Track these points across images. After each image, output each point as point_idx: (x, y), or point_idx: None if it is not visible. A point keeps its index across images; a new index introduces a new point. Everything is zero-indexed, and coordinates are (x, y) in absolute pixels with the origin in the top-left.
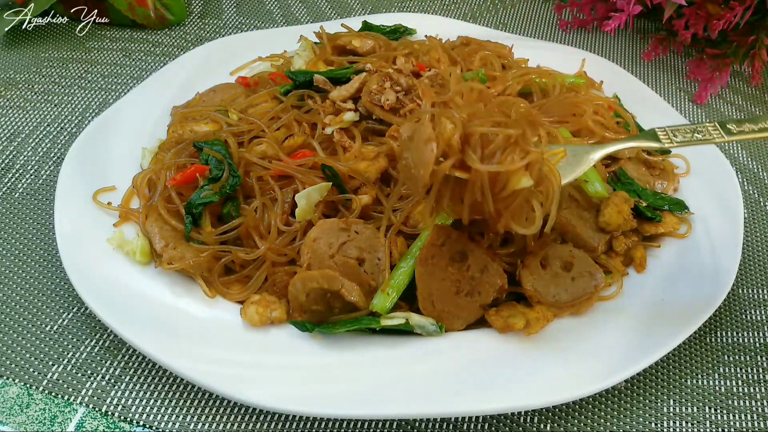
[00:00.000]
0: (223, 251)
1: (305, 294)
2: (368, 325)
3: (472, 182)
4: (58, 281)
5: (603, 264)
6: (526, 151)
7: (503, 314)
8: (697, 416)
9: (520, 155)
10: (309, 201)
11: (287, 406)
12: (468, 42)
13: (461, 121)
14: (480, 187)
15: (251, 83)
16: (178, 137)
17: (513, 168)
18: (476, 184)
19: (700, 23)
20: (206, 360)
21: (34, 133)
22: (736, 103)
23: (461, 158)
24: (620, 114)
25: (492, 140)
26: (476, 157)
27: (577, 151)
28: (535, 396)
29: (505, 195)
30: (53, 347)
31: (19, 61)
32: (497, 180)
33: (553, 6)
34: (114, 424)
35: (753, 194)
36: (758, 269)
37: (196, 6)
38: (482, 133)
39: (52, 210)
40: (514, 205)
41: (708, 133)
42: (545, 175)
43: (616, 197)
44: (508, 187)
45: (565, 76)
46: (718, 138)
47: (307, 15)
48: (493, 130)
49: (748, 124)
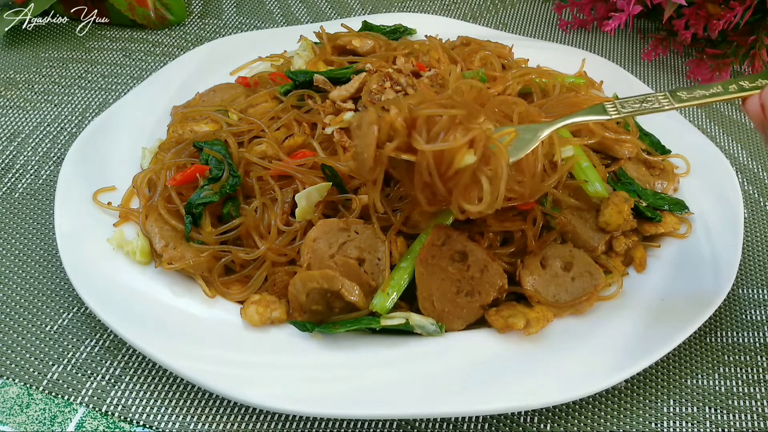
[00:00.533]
0: (223, 251)
1: (305, 294)
2: (368, 325)
3: (419, 163)
4: (58, 281)
5: (603, 264)
6: (468, 129)
7: (503, 314)
8: (697, 416)
9: (463, 133)
10: (309, 201)
11: (287, 406)
12: (468, 42)
13: (407, 106)
14: (426, 168)
15: (251, 83)
16: (178, 137)
17: (455, 145)
18: (422, 164)
19: (700, 23)
20: (206, 360)
21: (34, 133)
22: (736, 103)
23: (407, 141)
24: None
25: (437, 122)
26: (421, 138)
27: (526, 131)
28: (535, 396)
29: (451, 174)
30: (53, 347)
31: (19, 61)
32: (442, 159)
33: (553, 6)
34: (114, 424)
35: (753, 194)
36: (758, 269)
37: (196, 6)
38: (428, 116)
39: (52, 210)
40: (461, 184)
41: (657, 101)
42: (492, 153)
43: (616, 197)
44: (453, 165)
45: (565, 76)
46: (668, 106)
47: (307, 15)
48: (437, 112)
49: (699, 90)
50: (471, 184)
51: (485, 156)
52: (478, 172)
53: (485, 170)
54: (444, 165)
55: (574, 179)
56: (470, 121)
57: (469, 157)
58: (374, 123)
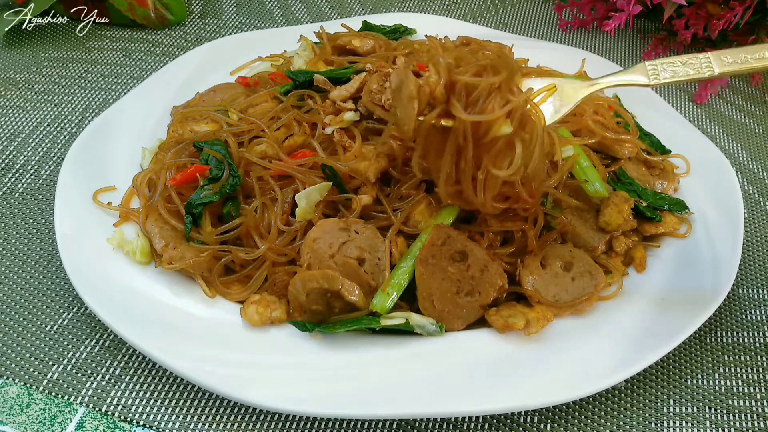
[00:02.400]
0: (223, 251)
1: (305, 294)
2: (368, 325)
3: (456, 129)
4: (58, 281)
5: (603, 264)
6: (507, 99)
7: (503, 314)
8: (697, 416)
9: (501, 103)
10: (309, 201)
11: (287, 406)
12: (468, 42)
13: (446, 68)
14: (463, 134)
15: (251, 83)
16: (178, 137)
17: (494, 117)
18: (459, 130)
19: (700, 23)
20: (206, 360)
21: (34, 133)
22: (736, 103)
23: (446, 108)
24: (620, 114)
25: (476, 87)
26: (460, 105)
27: (564, 88)
28: (535, 396)
29: (486, 140)
30: (53, 347)
31: (19, 61)
32: (480, 127)
33: (553, 6)
34: (114, 424)
35: (753, 194)
36: (758, 269)
37: (196, 6)
38: (467, 82)
39: (52, 210)
40: (494, 149)
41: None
42: (529, 118)
43: (616, 197)
44: (490, 133)
45: (565, 76)
46: (708, 71)
47: (307, 15)
48: (476, 81)
49: (743, 54)
50: (504, 149)
51: (522, 121)
52: (513, 137)
53: (521, 134)
54: (481, 132)
55: (574, 179)
56: (509, 85)
57: (506, 128)
58: (414, 98)
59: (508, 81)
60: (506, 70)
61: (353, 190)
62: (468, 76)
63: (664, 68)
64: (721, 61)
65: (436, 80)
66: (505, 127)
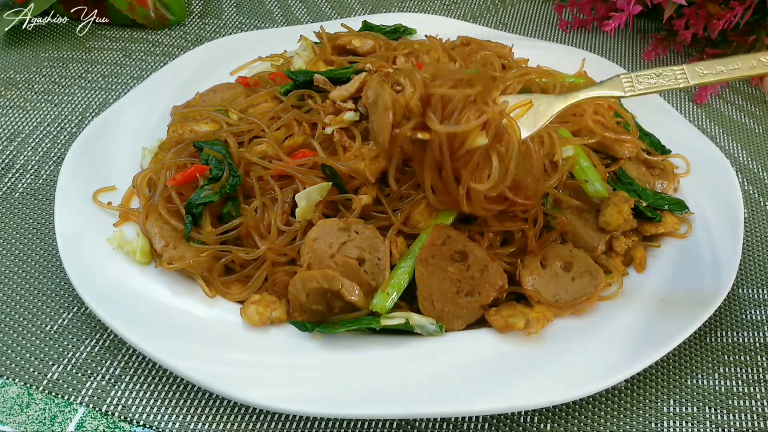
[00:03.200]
0: (223, 251)
1: (305, 294)
2: (368, 325)
3: (432, 141)
4: (58, 281)
5: (603, 264)
6: (482, 111)
7: (503, 314)
8: (697, 416)
9: (476, 114)
10: (309, 201)
11: (287, 406)
12: (468, 42)
13: (422, 82)
14: (438, 146)
15: (251, 83)
16: (178, 137)
17: (469, 128)
18: (435, 142)
19: (700, 23)
20: (206, 360)
21: (34, 133)
22: (736, 103)
23: (422, 120)
24: (620, 114)
25: (451, 99)
26: (436, 118)
27: (540, 103)
28: (535, 396)
29: (462, 153)
30: (53, 347)
31: (19, 61)
32: (455, 139)
33: (553, 6)
34: (114, 424)
35: (753, 194)
36: (758, 269)
37: (196, 6)
38: (443, 94)
39: (52, 210)
40: (472, 162)
41: (673, 76)
42: (504, 130)
43: (616, 197)
44: (465, 145)
45: (565, 76)
46: (683, 82)
47: (307, 15)
48: (451, 92)
49: (718, 65)
50: (482, 162)
51: (498, 134)
52: (489, 150)
53: (497, 148)
54: (456, 144)
55: (574, 179)
56: (485, 98)
57: (481, 139)
58: (389, 108)
59: (483, 94)
60: (482, 84)
61: (353, 190)
62: (444, 89)
63: (639, 81)
64: (695, 72)
65: (411, 93)
66: (480, 138)
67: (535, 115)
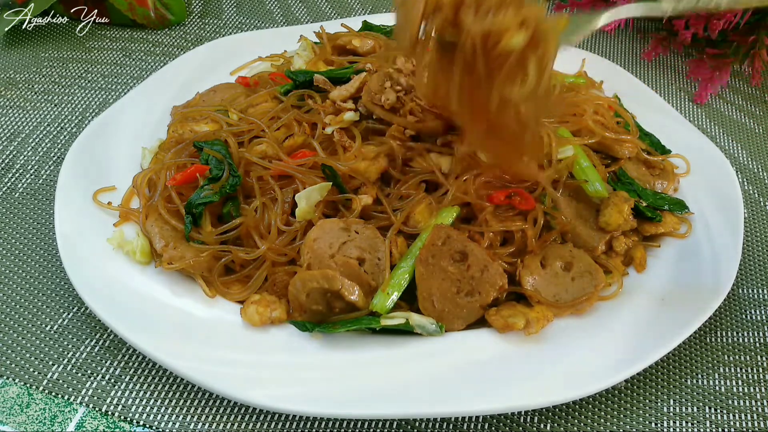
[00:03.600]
0: (223, 251)
1: (305, 294)
2: (368, 325)
3: (463, 43)
4: (58, 281)
5: (603, 264)
6: (520, 8)
7: (503, 314)
8: (697, 416)
9: (514, 11)
10: (309, 201)
11: (287, 406)
12: None
13: None
14: (471, 47)
15: (251, 83)
16: (178, 137)
17: (506, 24)
18: (467, 43)
19: (700, 23)
20: (206, 360)
21: (34, 133)
22: (736, 103)
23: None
24: (620, 114)
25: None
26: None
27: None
28: (535, 396)
29: (496, 54)
30: (53, 347)
31: (19, 61)
32: (489, 39)
33: (553, 6)
34: (114, 424)
35: (753, 194)
36: (758, 269)
37: (196, 6)
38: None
39: (52, 210)
40: (506, 67)
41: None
42: (542, 37)
43: (616, 197)
44: (500, 45)
45: (565, 76)
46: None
47: (307, 15)
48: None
49: None
50: (516, 68)
51: (534, 39)
52: (526, 54)
53: (535, 53)
54: (490, 44)
55: (575, 179)
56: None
57: (518, 38)
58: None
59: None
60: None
61: (353, 190)
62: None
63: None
64: None
65: None
66: (517, 37)
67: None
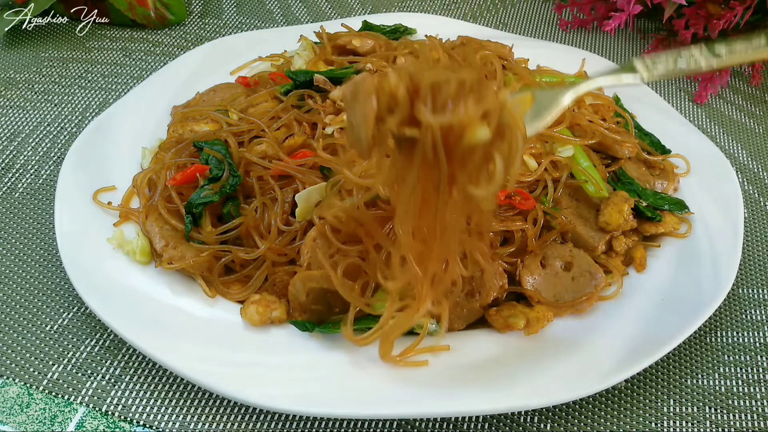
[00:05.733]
0: (223, 251)
1: (305, 294)
2: (368, 325)
3: (423, 139)
4: (58, 281)
5: (603, 264)
6: (482, 97)
7: (503, 314)
8: (697, 416)
9: (475, 102)
10: (309, 201)
11: (287, 406)
12: (468, 42)
13: (408, 72)
14: (432, 144)
15: (251, 83)
16: (178, 137)
17: (468, 117)
18: (427, 140)
19: (701, 23)
20: (206, 360)
21: (34, 133)
22: (736, 103)
23: (409, 113)
24: (620, 114)
25: (443, 89)
26: (427, 109)
27: (544, 97)
28: (535, 396)
29: (460, 151)
30: (53, 347)
31: (19, 61)
32: (450, 134)
33: (553, 6)
34: (114, 423)
35: (753, 194)
36: (758, 269)
37: (196, 6)
38: (433, 82)
39: (52, 210)
40: (470, 164)
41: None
42: (507, 125)
43: (616, 197)
44: (463, 141)
45: (565, 76)
46: (705, 64)
47: (307, 15)
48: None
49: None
50: (481, 163)
51: (499, 129)
52: (491, 147)
53: (499, 144)
54: (452, 139)
55: (574, 179)
56: (482, 87)
57: (482, 132)
58: (372, 93)
59: (480, 81)
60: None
61: None
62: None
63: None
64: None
65: (397, 81)
66: (481, 131)
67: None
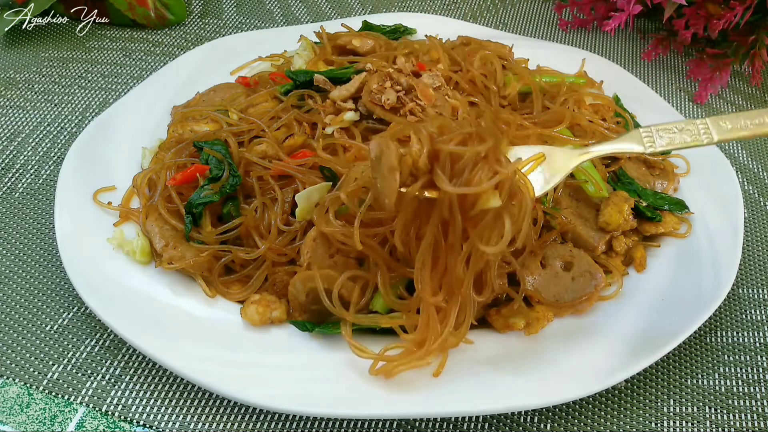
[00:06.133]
0: (223, 251)
1: (305, 294)
2: (368, 325)
3: (441, 201)
4: (58, 281)
5: (603, 264)
6: (495, 171)
7: (503, 314)
8: (697, 416)
9: (489, 174)
10: (309, 201)
11: (287, 406)
12: (468, 42)
13: (428, 138)
14: (448, 206)
15: (251, 83)
16: (178, 137)
17: (481, 190)
18: (444, 202)
19: (701, 23)
20: (206, 360)
21: (34, 133)
22: (736, 103)
23: (430, 178)
24: (620, 114)
25: (461, 156)
26: (445, 176)
27: (554, 158)
28: (535, 396)
29: (473, 214)
30: (53, 347)
31: (19, 61)
32: (466, 199)
33: (553, 6)
34: (114, 423)
35: (753, 194)
36: (758, 269)
37: (196, 6)
38: (452, 152)
39: (52, 210)
40: (482, 224)
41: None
42: (518, 188)
43: (616, 197)
44: (477, 206)
45: (565, 76)
46: (707, 138)
47: (307, 15)
48: (461, 150)
49: (743, 119)
50: (492, 222)
51: (511, 192)
52: (502, 210)
53: (510, 207)
54: (467, 204)
55: (575, 179)
56: (496, 155)
57: (494, 200)
58: (395, 170)
59: (494, 150)
60: (492, 139)
61: None
62: (452, 145)
63: (660, 135)
64: (720, 127)
65: (419, 150)
66: (493, 199)
67: (549, 170)
